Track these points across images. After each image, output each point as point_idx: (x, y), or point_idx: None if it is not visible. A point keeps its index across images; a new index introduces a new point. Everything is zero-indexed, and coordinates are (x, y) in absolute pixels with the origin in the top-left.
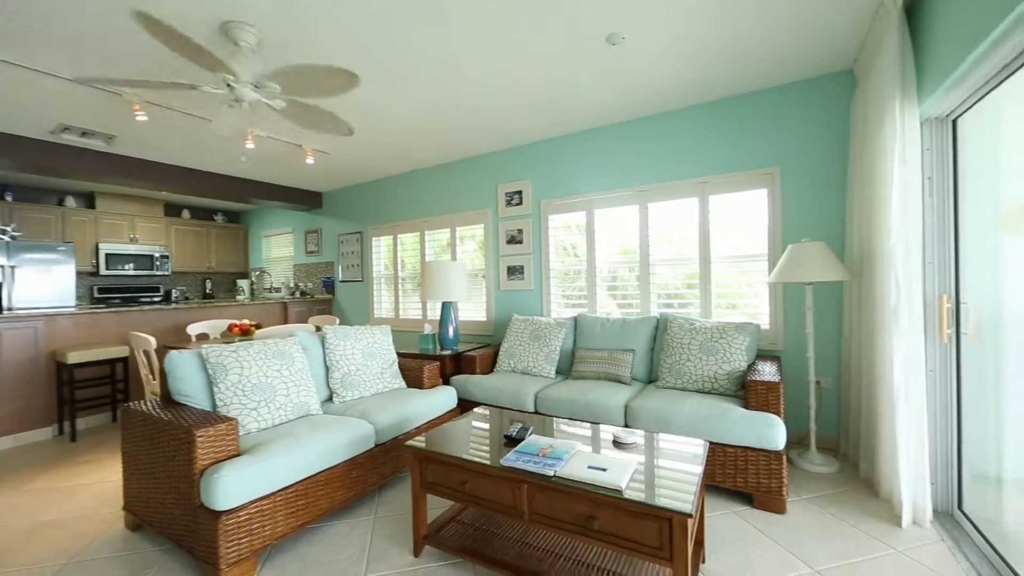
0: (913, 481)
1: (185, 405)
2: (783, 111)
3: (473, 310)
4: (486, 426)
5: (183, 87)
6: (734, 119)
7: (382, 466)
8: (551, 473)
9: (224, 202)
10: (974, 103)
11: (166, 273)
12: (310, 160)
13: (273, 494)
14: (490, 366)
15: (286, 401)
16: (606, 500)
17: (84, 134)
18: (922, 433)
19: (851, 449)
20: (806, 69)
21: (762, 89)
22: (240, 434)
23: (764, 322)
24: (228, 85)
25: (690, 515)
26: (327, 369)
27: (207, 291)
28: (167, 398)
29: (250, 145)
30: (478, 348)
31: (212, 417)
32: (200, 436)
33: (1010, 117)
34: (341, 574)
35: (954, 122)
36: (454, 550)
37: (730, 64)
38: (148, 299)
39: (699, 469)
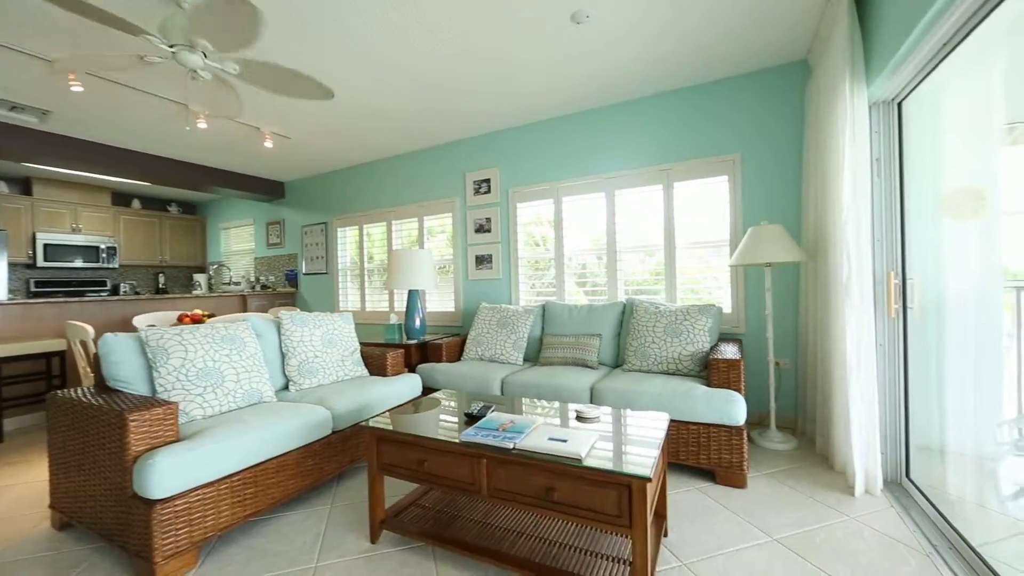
0: (865, 452)
1: (121, 392)
2: (743, 100)
3: (441, 301)
4: (447, 405)
5: (122, 58)
6: (696, 107)
7: (340, 454)
8: (511, 446)
9: (179, 192)
10: (915, 86)
11: (113, 267)
12: (268, 144)
13: (216, 482)
14: (457, 355)
15: (236, 387)
16: (566, 470)
17: (13, 108)
18: (873, 405)
19: (808, 427)
20: (763, 59)
21: (723, 78)
22: (183, 421)
23: (727, 307)
24: (171, 47)
25: (648, 479)
26: (283, 356)
27: (160, 286)
28: (101, 385)
29: (203, 125)
30: (446, 338)
31: (149, 401)
32: (133, 420)
33: (947, 102)
34: (290, 563)
35: (899, 105)
36: (413, 534)
37: (692, 51)
38: (94, 293)
39: (660, 436)
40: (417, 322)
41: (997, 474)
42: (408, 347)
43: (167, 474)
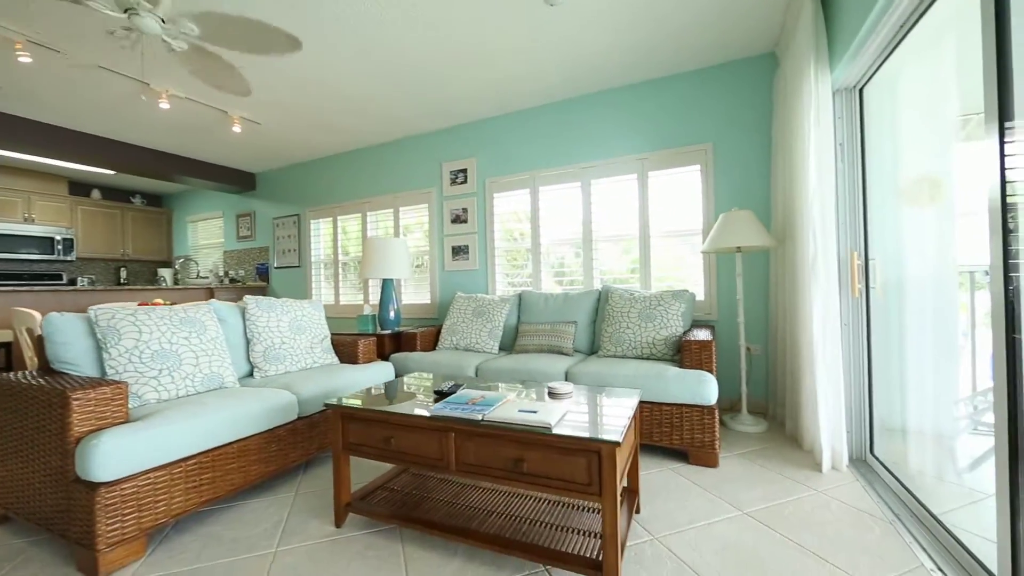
0: (831, 430)
1: (66, 374)
2: (715, 91)
3: (417, 293)
4: (418, 386)
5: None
6: (670, 98)
7: (307, 441)
8: (479, 417)
9: (143, 183)
10: (874, 72)
11: (70, 259)
12: (237, 129)
13: (169, 465)
14: (433, 344)
15: (194, 371)
16: (535, 439)
17: None
18: (838, 383)
19: (778, 410)
20: (734, 50)
21: (696, 70)
22: (135, 404)
23: (700, 294)
24: (127, 11)
25: (618, 443)
26: (247, 342)
27: (121, 280)
28: (45, 368)
29: (165, 105)
30: (421, 328)
31: (95, 381)
32: (76, 400)
33: (902, 88)
34: (248, 550)
35: (861, 92)
36: (380, 516)
37: (665, 39)
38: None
39: (630, 407)
40: (392, 313)
41: (954, 449)
42: (382, 336)
43: (113, 456)
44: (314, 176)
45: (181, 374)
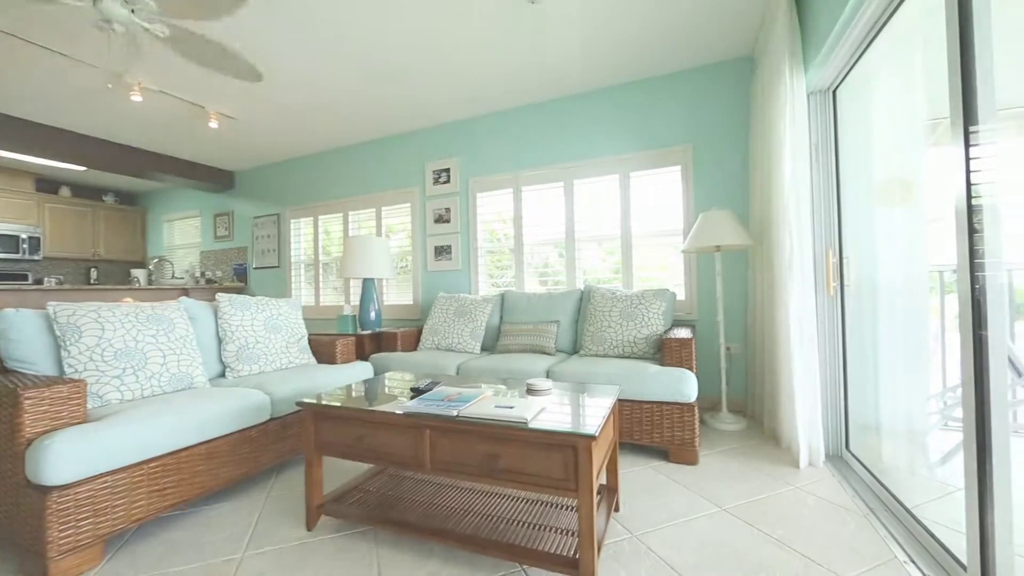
0: (808, 427)
1: (19, 372)
2: (695, 93)
3: (400, 294)
4: (395, 385)
5: None
6: (651, 100)
7: (280, 443)
8: (454, 413)
9: (117, 181)
10: (846, 73)
11: (36, 258)
12: (214, 124)
13: (129, 468)
14: (414, 345)
15: (161, 370)
16: (511, 435)
17: None
18: (815, 380)
19: (757, 408)
20: (714, 53)
21: (677, 72)
22: (96, 405)
23: (680, 294)
24: None
25: (594, 437)
26: (220, 341)
27: (92, 281)
28: None
29: (137, 98)
30: (402, 328)
31: (50, 380)
32: (29, 399)
33: (873, 91)
34: (214, 555)
35: (834, 94)
36: (353, 518)
37: (647, 42)
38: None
39: (608, 402)
40: (372, 313)
41: (926, 444)
42: (362, 336)
43: (66, 457)
44: (295, 174)
45: (147, 373)
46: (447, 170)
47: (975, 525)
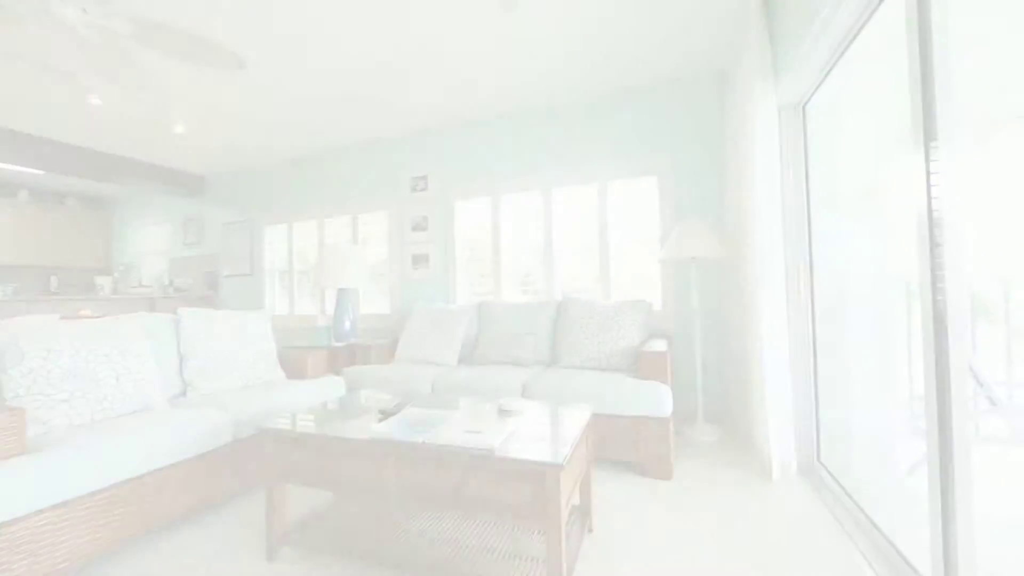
0: (780, 439)
1: None
2: (671, 105)
3: (376, 304)
4: (363, 405)
5: None
6: (629, 111)
7: (243, 466)
8: (420, 439)
9: (79, 185)
10: (815, 89)
11: None
12: (180, 129)
13: (73, 502)
14: (390, 356)
15: (115, 392)
16: (477, 462)
17: None
18: (786, 393)
19: (732, 419)
20: (689, 67)
21: (653, 85)
22: (40, 431)
23: (657, 305)
24: None
25: (561, 466)
26: (181, 358)
27: (52, 289)
28: None
29: (96, 102)
30: (378, 340)
31: None
32: None
33: (842, 108)
34: None
35: (804, 109)
36: (316, 548)
37: (624, 54)
38: None
39: (579, 427)
40: (347, 324)
41: (894, 454)
42: (335, 350)
43: (1, 494)
44: (268, 180)
45: (98, 396)
46: (425, 177)
47: (938, 540)
